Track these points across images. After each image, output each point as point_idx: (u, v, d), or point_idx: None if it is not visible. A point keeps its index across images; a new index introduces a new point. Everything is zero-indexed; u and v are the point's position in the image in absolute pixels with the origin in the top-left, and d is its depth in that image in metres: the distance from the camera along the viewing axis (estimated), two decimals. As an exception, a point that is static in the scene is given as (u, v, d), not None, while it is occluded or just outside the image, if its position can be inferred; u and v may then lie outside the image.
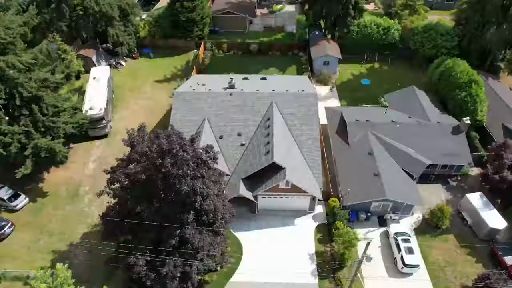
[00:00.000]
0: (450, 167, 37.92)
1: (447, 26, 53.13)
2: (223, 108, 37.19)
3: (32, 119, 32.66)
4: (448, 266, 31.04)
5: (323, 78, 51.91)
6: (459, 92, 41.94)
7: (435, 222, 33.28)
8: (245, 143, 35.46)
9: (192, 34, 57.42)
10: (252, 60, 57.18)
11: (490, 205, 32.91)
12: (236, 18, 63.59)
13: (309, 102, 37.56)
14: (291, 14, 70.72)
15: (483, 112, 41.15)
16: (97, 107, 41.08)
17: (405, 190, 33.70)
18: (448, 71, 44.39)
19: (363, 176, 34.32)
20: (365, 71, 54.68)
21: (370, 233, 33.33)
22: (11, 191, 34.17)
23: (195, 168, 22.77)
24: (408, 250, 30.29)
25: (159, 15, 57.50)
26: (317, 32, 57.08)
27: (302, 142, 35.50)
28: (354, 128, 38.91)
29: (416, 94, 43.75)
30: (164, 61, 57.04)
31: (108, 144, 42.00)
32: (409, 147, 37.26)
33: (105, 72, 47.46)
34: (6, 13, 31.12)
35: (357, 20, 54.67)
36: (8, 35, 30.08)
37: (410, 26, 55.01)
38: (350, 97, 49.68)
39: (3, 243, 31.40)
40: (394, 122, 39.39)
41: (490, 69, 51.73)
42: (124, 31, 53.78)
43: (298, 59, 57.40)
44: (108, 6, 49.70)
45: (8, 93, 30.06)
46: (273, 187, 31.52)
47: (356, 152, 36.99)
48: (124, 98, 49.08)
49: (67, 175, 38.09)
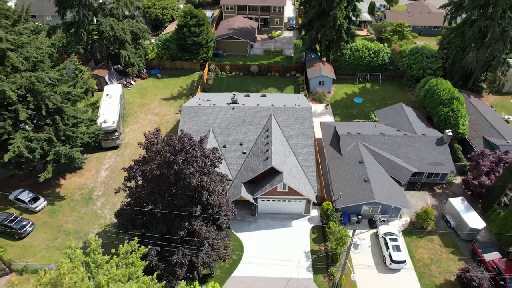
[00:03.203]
0: (435, 175, 41.08)
1: (432, 49, 57.72)
2: (226, 121, 40.85)
3: (54, 129, 36.22)
4: (433, 263, 33.61)
5: (319, 97, 55.97)
6: (442, 108, 45.76)
7: (421, 224, 36.11)
8: (246, 151, 38.85)
9: (198, 56, 62.08)
10: (252, 80, 61.52)
11: (470, 208, 35.84)
12: (238, 43, 68.62)
13: (304, 115, 41.28)
14: (289, 39, 76.09)
15: (465, 126, 44.76)
16: (110, 121, 44.82)
17: (392, 194, 36.72)
18: (432, 89, 48.41)
19: (354, 182, 37.47)
20: (358, 91, 58.84)
21: (361, 234, 36.07)
22: (31, 195, 37.23)
23: (203, 166, 26.10)
24: (395, 248, 32.99)
25: (167, 39, 62.33)
26: (313, 55, 61.72)
27: (298, 150, 38.90)
28: (346, 140, 42.41)
29: (404, 110, 47.53)
30: (171, 81, 61.40)
31: (119, 155, 45.38)
32: (396, 157, 40.65)
33: (117, 90, 51.51)
34: (38, 36, 35.27)
35: (350, 44, 59.37)
36: (39, 54, 34.18)
37: (398, 49, 59.68)
38: (343, 114, 53.54)
39: (24, 240, 34.19)
40: (383, 135, 42.91)
41: (473, 88, 55.92)
42: (135, 53, 58.36)
43: (296, 79, 61.77)
44: (122, 31, 54.43)
45: (36, 104, 33.77)
46: (271, 190, 34.61)
47: (347, 161, 40.29)
48: (134, 114, 52.92)
49: (82, 181, 41.27)
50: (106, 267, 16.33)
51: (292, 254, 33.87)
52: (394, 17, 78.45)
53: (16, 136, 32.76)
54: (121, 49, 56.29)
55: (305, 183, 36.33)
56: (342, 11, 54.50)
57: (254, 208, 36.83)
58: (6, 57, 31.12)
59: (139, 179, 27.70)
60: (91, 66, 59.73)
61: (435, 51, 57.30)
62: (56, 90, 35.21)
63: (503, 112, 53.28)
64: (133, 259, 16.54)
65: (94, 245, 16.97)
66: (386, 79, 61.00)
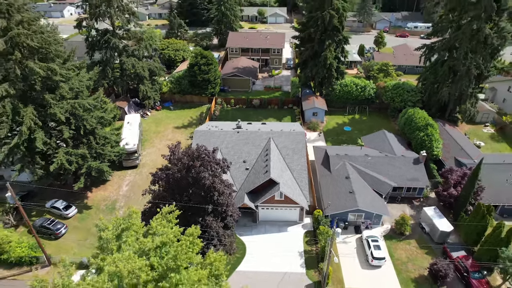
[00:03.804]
0: (413, 190, 47.27)
1: (412, 85, 65.99)
2: (232, 142, 47.86)
3: (88, 147, 43.23)
4: (409, 262, 38.97)
5: (313, 126, 63.38)
6: (419, 133, 52.88)
7: (400, 230, 41.83)
8: (248, 168, 45.44)
9: (206, 91, 70.53)
10: (254, 112, 69.37)
11: (441, 215, 41.75)
12: (242, 80, 77.45)
13: (298, 138, 48.35)
14: (287, 77, 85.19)
15: (438, 148, 51.60)
16: (131, 143, 51.95)
17: (374, 204, 42.78)
18: (410, 117, 55.86)
19: (341, 194, 43.67)
20: (347, 121, 66.41)
21: (348, 238, 41.81)
22: (65, 203, 43.51)
23: (215, 170, 32.72)
24: (376, 247, 38.59)
25: (179, 76, 71.12)
26: (307, 90, 70.00)
27: (293, 167, 45.51)
28: (335, 160, 49.07)
29: (386, 135, 54.59)
30: (182, 113, 69.33)
31: (138, 173, 51.98)
32: (378, 174, 47.09)
33: (136, 118, 59.21)
34: (80, 71, 43.34)
35: (339, 81, 67.84)
36: (80, 86, 42.01)
37: (383, 85, 68.03)
38: (334, 140, 60.63)
39: (59, 240, 40.01)
40: (367, 155, 49.63)
41: (449, 119, 63.31)
42: (151, 88, 66.78)
43: (292, 111, 69.64)
44: (142, 69, 63.16)
45: (76, 126, 41.04)
46: (270, 198, 40.80)
47: (336, 177, 46.70)
48: (150, 140, 60.16)
49: (106, 194, 47.59)
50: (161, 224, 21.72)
51: (288, 253, 39.37)
52: (381, 58, 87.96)
53: (59, 151, 39.69)
54: (140, 84, 64.73)
55: (299, 193, 42.59)
56: (332, 53, 63.44)
57: (255, 215, 42.81)
58: (59, 87, 38.83)
59: (162, 183, 34.19)
60: (112, 98, 67.97)
61: (415, 86, 65.52)
62: (92, 115, 42.64)
63: (475, 139, 60.25)
64: (170, 217, 22.33)
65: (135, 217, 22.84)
66: (373, 111, 68.76)
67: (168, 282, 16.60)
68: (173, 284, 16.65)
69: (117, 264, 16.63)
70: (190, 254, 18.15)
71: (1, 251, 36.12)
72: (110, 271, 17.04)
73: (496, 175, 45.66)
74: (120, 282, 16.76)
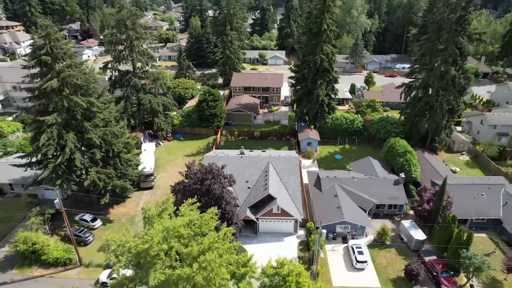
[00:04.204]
0: (394, 207, 54.15)
1: (395, 118, 74.62)
2: (236, 165, 55.47)
3: (114, 167, 50.94)
4: (389, 266, 45.13)
5: (307, 154, 71.22)
6: (399, 159, 60.55)
7: (381, 239, 48.30)
8: (250, 187, 52.71)
9: (213, 124, 79.23)
10: (255, 143, 77.53)
11: (416, 226, 48.42)
12: (244, 115, 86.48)
13: (293, 162, 56.08)
14: (285, 113, 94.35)
15: (417, 172, 58.99)
16: (148, 167, 59.65)
17: (358, 217, 49.55)
18: (392, 145, 63.84)
19: (330, 209, 50.55)
20: (338, 150, 74.38)
21: (336, 247, 48.18)
22: (92, 216, 50.48)
23: (223, 182, 40.12)
24: (359, 253, 44.98)
25: (189, 111, 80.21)
26: (303, 124, 78.61)
27: (289, 186, 52.79)
28: (326, 181, 56.34)
29: (371, 161, 62.15)
30: (191, 143, 77.57)
31: (153, 193, 59.17)
32: (363, 193, 54.18)
33: (151, 147, 67.41)
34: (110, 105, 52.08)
35: (331, 115, 76.63)
36: (110, 116, 50.53)
37: (369, 118, 76.71)
38: (326, 166, 68.14)
39: (88, 247, 46.62)
40: (353, 178, 57.00)
41: (430, 148, 71.16)
42: (164, 121, 75.54)
43: (289, 142, 77.83)
44: (157, 104, 72.26)
45: (106, 149, 49.04)
46: (268, 211, 47.73)
47: (326, 196, 53.76)
48: (163, 166, 67.86)
49: (125, 210, 54.56)
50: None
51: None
52: (370, 95, 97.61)
53: (92, 170, 47.40)
54: (155, 117, 73.58)
55: (294, 208, 49.57)
56: (323, 91, 72.75)
57: (256, 227, 49.49)
58: (95, 117, 47.33)
59: (179, 195, 41.46)
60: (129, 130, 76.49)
61: (397, 119, 74.12)
62: (119, 140, 50.79)
63: (452, 165, 67.71)
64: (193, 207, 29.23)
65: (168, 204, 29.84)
66: (361, 142, 76.88)
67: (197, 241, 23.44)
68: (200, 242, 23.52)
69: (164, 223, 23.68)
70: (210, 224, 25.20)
71: (42, 253, 42.67)
72: (158, 228, 24.07)
73: (465, 193, 52.90)
74: (167, 234, 23.63)
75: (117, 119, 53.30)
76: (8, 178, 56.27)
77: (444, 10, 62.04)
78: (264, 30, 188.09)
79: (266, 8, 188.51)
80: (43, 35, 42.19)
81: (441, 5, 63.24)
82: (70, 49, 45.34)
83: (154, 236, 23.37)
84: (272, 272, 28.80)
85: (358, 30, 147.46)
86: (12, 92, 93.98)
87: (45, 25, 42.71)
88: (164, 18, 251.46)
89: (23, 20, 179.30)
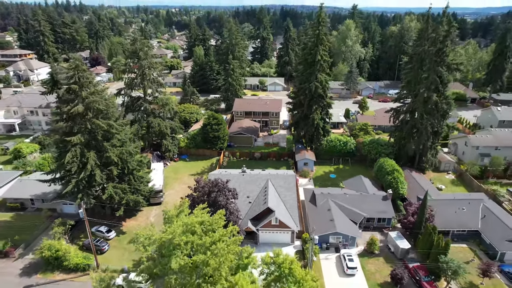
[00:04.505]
0: (383, 220, 59.10)
1: (385, 140, 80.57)
2: (238, 182, 60.86)
3: (128, 183, 56.40)
4: (377, 272, 49.68)
5: (304, 173, 76.66)
6: (387, 177, 65.99)
7: (370, 249, 53.02)
8: (251, 201, 57.91)
9: (216, 146, 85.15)
10: (256, 163, 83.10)
11: (402, 236, 53.29)
12: (246, 137, 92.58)
13: (290, 179, 61.56)
14: (283, 135, 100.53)
15: (404, 189, 64.28)
16: (157, 184, 65.08)
17: (349, 229, 54.48)
18: (381, 165, 69.44)
19: (323, 221, 55.54)
20: (333, 170, 79.89)
21: (329, 256, 52.83)
22: (107, 228, 55.48)
23: (228, 195, 45.46)
24: (350, 260, 49.67)
25: (194, 134, 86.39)
26: (300, 145, 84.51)
27: (286, 201, 58.01)
28: (320, 197, 61.55)
29: (362, 179, 67.58)
30: (196, 163, 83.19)
31: (161, 208, 64.20)
32: (354, 207, 59.28)
33: (160, 166, 73.09)
34: (126, 127, 58.17)
35: (326, 137, 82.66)
36: (125, 137, 56.51)
37: (361, 140, 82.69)
38: (321, 185, 73.36)
39: (104, 255, 51.37)
40: (345, 194, 62.25)
41: (418, 167, 76.68)
42: (171, 143, 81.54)
43: (287, 162, 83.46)
44: (165, 127, 78.48)
45: (122, 166, 54.71)
46: (268, 222, 52.75)
47: (320, 210, 58.85)
48: (170, 184, 73.23)
49: (137, 223, 59.50)
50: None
51: (282, 266, 50.20)
52: (364, 119, 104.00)
53: (109, 185, 52.89)
54: (163, 140, 79.62)
55: (291, 220, 54.59)
56: (318, 115, 79.14)
57: (257, 238, 54.32)
58: (113, 138, 53.32)
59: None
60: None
61: (387, 141, 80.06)
62: (133, 159, 56.55)
63: (438, 183, 73.00)
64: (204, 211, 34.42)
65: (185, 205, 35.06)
66: (354, 162, 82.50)
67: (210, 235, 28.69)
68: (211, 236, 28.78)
69: (182, 219, 29.01)
70: (219, 223, 30.51)
71: (64, 259, 47.47)
72: (178, 223, 29.37)
73: (448, 208, 58.08)
74: (185, 228, 28.86)
75: (132, 140, 59.06)
76: (30, 194, 61.68)
77: (425, 43, 69.42)
78: (264, 58, 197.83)
79: (266, 37, 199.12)
80: (73, 67, 48.91)
81: (422, 38, 70.70)
82: (94, 78, 51.93)
83: (176, 229, 28.64)
84: (270, 261, 33.88)
85: (352, 58, 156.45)
86: (29, 116, 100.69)
87: (75, 59, 49.52)
88: (168, 46, 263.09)
89: (36, 48, 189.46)
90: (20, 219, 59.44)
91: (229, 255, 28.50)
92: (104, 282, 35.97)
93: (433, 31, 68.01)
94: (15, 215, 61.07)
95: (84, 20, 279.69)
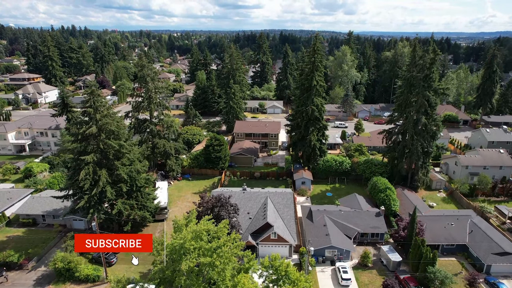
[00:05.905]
0: (376, 235, 62.33)
1: (379, 160, 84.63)
2: (239, 199, 64.50)
3: (136, 200, 60.06)
4: (370, 284, 52.61)
5: (301, 192, 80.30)
6: (380, 194, 69.68)
7: (364, 262, 56.10)
8: (251, 217, 61.36)
9: (218, 166, 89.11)
10: (256, 182, 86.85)
11: (393, 250, 56.50)
12: (246, 157, 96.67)
13: (288, 196, 65.26)
14: (282, 156, 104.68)
15: (396, 205, 67.84)
16: (163, 201, 68.67)
17: (344, 243, 57.71)
18: (375, 183, 73.23)
19: (319, 236, 58.83)
20: (329, 188, 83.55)
21: (325, 269, 55.84)
22: (115, 242, 58.61)
23: (230, 209, 49.09)
24: (344, 272, 52.72)
25: (197, 154, 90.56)
26: (298, 165, 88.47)
27: (284, 216, 61.49)
28: (316, 213, 65.03)
29: (356, 197, 71.19)
30: (198, 182, 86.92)
31: (166, 224, 67.46)
32: (348, 223, 62.68)
33: (164, 185, 76.85)
34: (134, 147, 62.38)
35: (322, 158, 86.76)
36: (134, 156, 60.63)
37: (356, 160, 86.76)
38: (318, 202, 76.88)
39: (113, 267, 54.40)
40: (341, 210, 65.76)
41: (411, 186, 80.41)
42: (175, 162, 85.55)
43: (286, 181, 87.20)
44: (170, 148, 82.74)
45: (130, 184, 58.54)
46: (267, 236, 56.06)
47: (316, 225, 62.20)
48: (174, 201, 76.76)
49: (143, 239, 62.57)
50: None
51: (280, 278, 53.15)
52: (359, 141, 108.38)
53: (118, 201, 56.57)
54: (168, 160, 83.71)
55: (288, 234, 57.92)
56: (315, 136, 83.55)
57: (257, 252, 57.45)
58: (123, 157, 57.44)
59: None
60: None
61: (381, 161, 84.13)
62: (142, 177, 60.47)
63: (430, 201, 76.53)
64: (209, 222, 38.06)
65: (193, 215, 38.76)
66: (350, 181, 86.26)
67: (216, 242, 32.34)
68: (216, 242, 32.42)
69: (191, 227, 32.68)
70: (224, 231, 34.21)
71: (75, 270, 50.55)
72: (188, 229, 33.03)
73: (437, 223, 61.49)
74: (194, 235, 32.46)
75: (139, 160, 63.15)
76: (41, 210, 65.18)
77: (413, 69, 74.77)
78: (264, 82, 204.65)
79: (265, 62, 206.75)
80: (89, 92, 53.69)
81: (410, 65, 76.12)
82: (107, 102, 56.58)
83: (186, 235, 32.33)
84: (268, 264, 37.40)
85: (348, 82, 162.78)
86: (38, 137, 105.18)
87: (91, 85, 54.37)
88: (171, 70, 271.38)
89: (44, 72, 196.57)
90: (32, 234, 62.71)
91: (233, 257, 31.99)
92: (121, 283, 39.06)
93: (420, 58, 73.42)
94: (27, 230, 64.37)
95: (89, 44, 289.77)
